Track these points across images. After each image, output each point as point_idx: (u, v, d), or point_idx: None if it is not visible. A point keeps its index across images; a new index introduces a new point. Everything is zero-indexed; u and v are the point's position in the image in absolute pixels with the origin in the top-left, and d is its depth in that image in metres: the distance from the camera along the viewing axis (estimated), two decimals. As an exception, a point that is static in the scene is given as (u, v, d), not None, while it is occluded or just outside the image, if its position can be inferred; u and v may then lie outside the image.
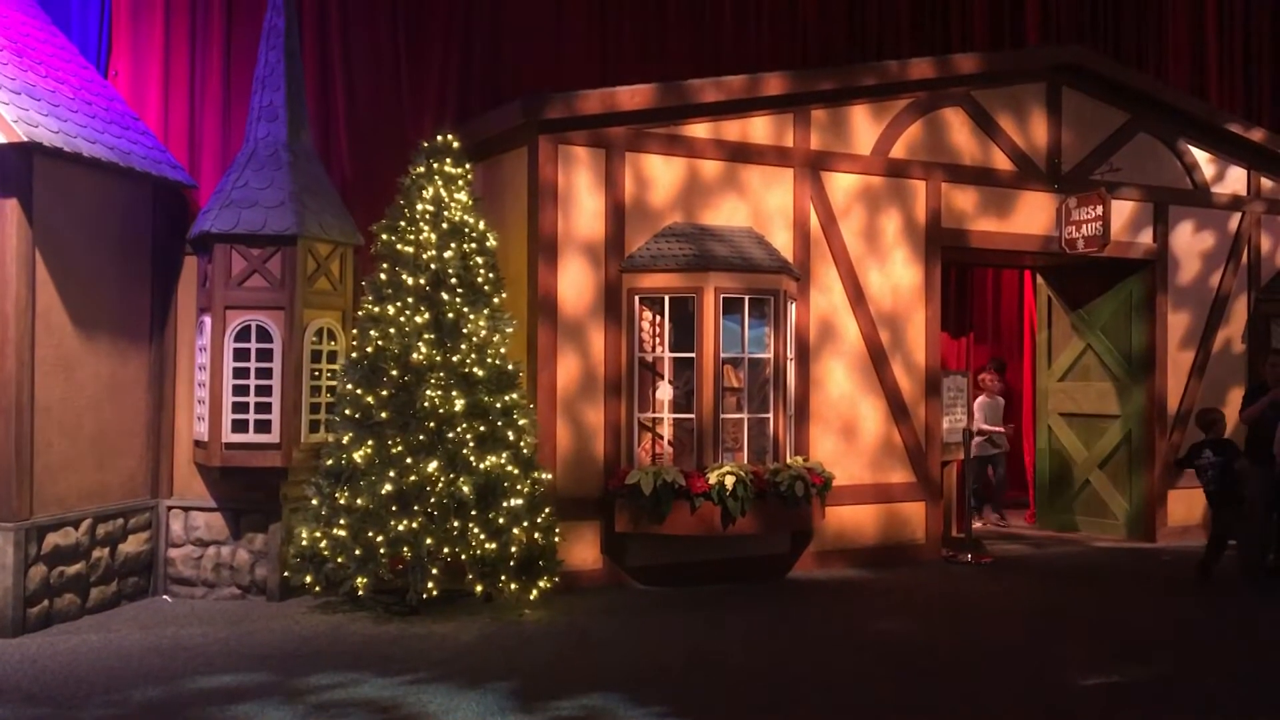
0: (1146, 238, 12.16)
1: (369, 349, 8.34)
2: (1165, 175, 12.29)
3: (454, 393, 8.20)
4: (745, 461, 9.29)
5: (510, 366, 8.56)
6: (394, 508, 8.05)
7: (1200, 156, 12.50)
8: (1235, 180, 12.76)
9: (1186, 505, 12.14)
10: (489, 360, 8.42)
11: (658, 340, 9.55)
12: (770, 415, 9.49)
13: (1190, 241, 12.44)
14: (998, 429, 13.17)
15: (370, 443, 8.16)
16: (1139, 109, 12.05)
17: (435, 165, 8.65)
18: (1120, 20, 15.48)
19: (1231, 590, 9.54)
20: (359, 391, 8.26)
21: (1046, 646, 7.59)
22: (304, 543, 8.25)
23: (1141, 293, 12.28)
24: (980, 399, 13.17)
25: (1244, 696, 6.49)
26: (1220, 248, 12.62)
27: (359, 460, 8.14)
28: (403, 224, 8.56)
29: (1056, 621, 8.41)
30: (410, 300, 8.34)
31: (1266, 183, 12.93)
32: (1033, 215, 11.47)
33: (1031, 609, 8.83)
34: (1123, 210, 11.88)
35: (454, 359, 8.30)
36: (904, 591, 9.41)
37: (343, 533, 8.10)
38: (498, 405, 8.35)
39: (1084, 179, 11.66)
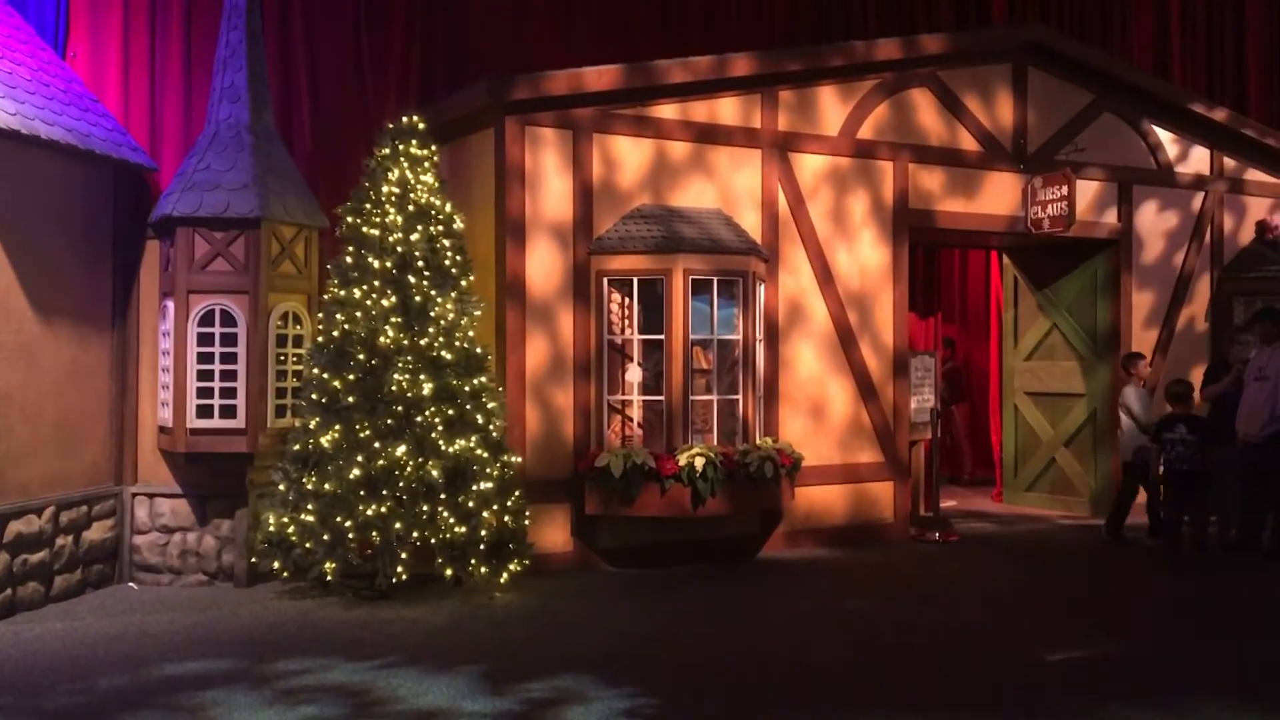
0: (1111, 217, 12.24)
1: (335, 333, 8.28)
2: (1129, 155, 12.38)
3: (422, 376, 8.16)
4: (715, 443, 9.30)
5: (479, 349, 8.53)
6: (362, 492, 8.01)
7: (1164, 136, 12.59)
8: (1198, 160, 12.86)
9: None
10: (457, 343, 8.38)
11: (627, 322, 9.53)
12: (739, 396, 9.50)
13: (1154, 221, 12.54)
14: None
15: (338, 427, 8.11)
16: (1103, 89, 12.11)
17: (401, 147, 8.58)
18: (1084, 0, 15.55)
19: (1195, 566, 9.66)
20: (325, 376, 8.20)
21: (1014, 623, 7.66)
22: (271, 528, 8.20)
23: (1106, 272, 12.37)
24: (1131, 389, 10.91)
25: (1209, 670, 6.57)
26: (1184, 227, 12.73)
27: (326, 445, 8.09)
28: (368, 206, 8.50)
29: (1023, 598, 8.48)
30: (377, 283, 8.29)
31: (1229, 162, 13.04)
32: (999, 195, 11.52)
33: (999, 586, 8.90)
34: (1088, 190, 11.95)
35: (422, 342, 8.25)
36: (873, 570, 9.46)
37: (310, 518, 8.04)
38: (466, 388, 8.32)
39: (1049, 159, 11.72)
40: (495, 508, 8.28)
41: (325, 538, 8.02)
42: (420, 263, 8.37)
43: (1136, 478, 10.74)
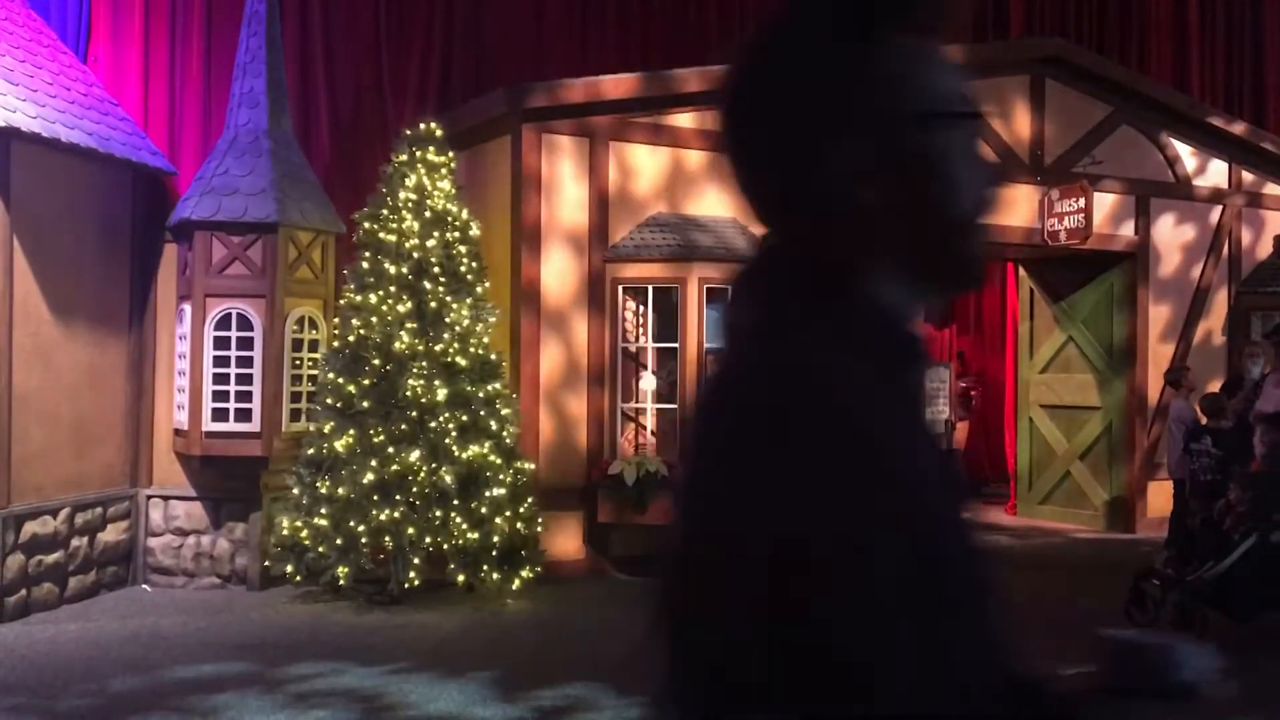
0: (1128, 230, 12.19)
1: (351, 338, 8.30)
2: (1147, 168, 12.33)
3: (436, 382, 8.17)
4: (728, 452, 9.27)
5: (493, 356, 8.54)
6: (375, 497, 8.02)
7: (1182, 149, 12.54)
8: (1217, 173, 12.80)
9: (1166, 496, 12.17)
10: (471, 349, 8.39)
11: (641, 330, 9.53)
12: (753, 406, 9.47)
13: (1172, 234, 12.48)
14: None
15: (352, 432, 8.12)
16: (1121, 102, 12.07)
17: (418, 153, 8.60)
18: (1103, 13, 15.53)
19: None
20: (340, 380, 8.22)
21: (1026, 636, 7.61)
22: (285, 532, 8.21)
23: (1123, 285, 12.32)
24: (1183, 403, 10.05)
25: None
26: (1201, 240, 12.67)
27: (340, 450, 8.11)
28: (385, 212, 8.52)
29: (1036, 612, 8.43)
30: (392, 289, 8.31)
31: (1247, 176, 12.98)
32: (1015, 207, 11.49)
33: (1011, 599, 8.84)
34: (1105, 203, 11.91)
35: (436, 348, 8.27)
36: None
37: (324, 522, 8.06)
38: (480, 395, 8.33)
39: (1066, 171, 11.68)
40: (508, 514, 8.27)
41: (338, 542, 8.03)
42: (436, 269, 8.39)
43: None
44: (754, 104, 1.15)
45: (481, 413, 8.31)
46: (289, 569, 8.23)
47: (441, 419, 8.16)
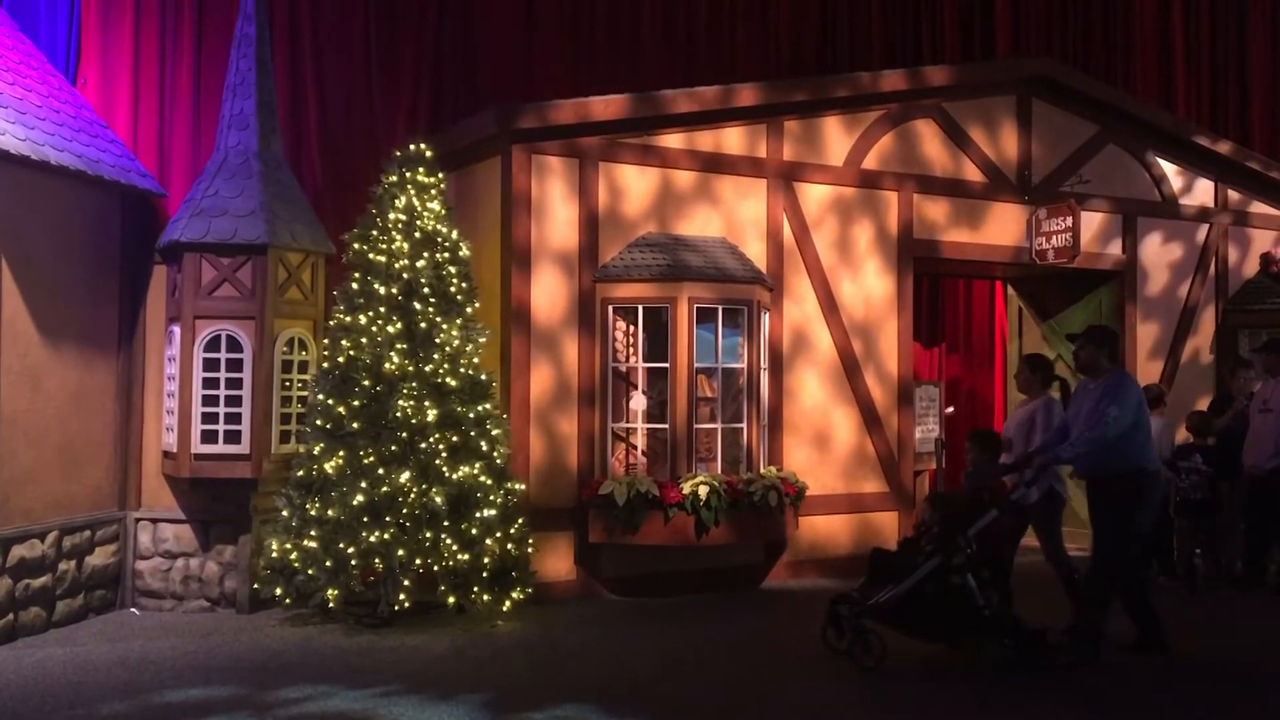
0: (1115, 249, 12.26)
1: (340, 359, 8.29)
2: (1134, 187, 12.41)
3: (426, 403, 8.16)
4: (719, 471, 9.29)
5: (483, 376, 8.54)
6: (365, 519, 7.99)
7: (1168, 169, 12.63)
8: (1203, 192, 12.89)
9: (1156, 514, 12.21)
10: (462, 370, 8.39)
11: (631, 350, 9.54)
12: (744, 425, 9.49)
13: (1159, 252, 12.55)
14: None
15: (341, 453, 8.10)
16: (1108, 121, 12.16)
17: (408, 174, 8.62)
18: (1089, 33, 15.64)
19: (1198, 596, 9.60)
20: (330, 402, 8.21)
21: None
22: (274, 554, 8.19)
23: (1111, 303, 12.38)
24: (1162, 420, 9.89)
25: (1215, 701, 6.52)
26: (1188, 259, 12.75)
27: (330, 471, 8.09)
28: (375, 233, 8.53)
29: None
30: (382, 310, 8.31)
31: (1234, 195, 13.07)
32: (1003, 226, 11.55)
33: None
34: (1092, 221, 11.98)
35: (426, 369, 8.26)
36: (877, 601, 9.40)
37: (313, 544, 8.03)
38: (470, 415, 8.32)
39: (1054, 190, 11.75)
40: (498, 535, 8.26)
41: (328, 564, 8.00)
42: (426, 289, 8.39)
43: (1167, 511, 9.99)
44: None
45: (472, 433, 8.31)
46: (278, 591, 8.20)
47: (431, 440, 8.15)
